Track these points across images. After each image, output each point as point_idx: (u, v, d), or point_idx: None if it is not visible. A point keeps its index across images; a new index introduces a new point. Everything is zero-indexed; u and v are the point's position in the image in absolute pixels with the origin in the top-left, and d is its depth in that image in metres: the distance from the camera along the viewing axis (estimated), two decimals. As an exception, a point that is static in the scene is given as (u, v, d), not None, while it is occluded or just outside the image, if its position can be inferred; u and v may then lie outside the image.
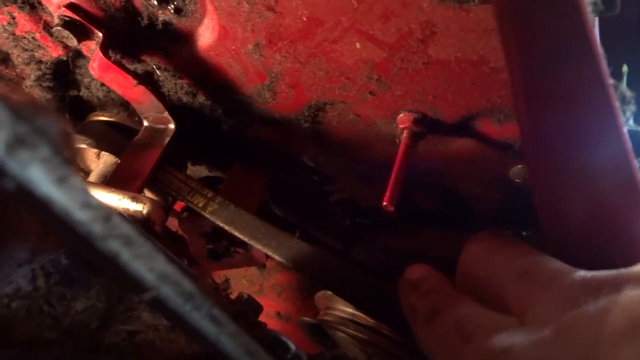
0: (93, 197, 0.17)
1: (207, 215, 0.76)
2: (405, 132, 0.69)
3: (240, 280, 1.29)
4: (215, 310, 0.22)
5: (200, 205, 0.77)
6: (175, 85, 0.80)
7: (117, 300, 0.40)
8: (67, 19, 0.68)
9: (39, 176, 0.16)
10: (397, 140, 0.70)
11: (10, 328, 0.35)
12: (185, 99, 0.82)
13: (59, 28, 0.68)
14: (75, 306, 0.39)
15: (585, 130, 0.31)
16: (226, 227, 0.75)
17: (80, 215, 0.17)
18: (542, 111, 0.32)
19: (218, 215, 0.76)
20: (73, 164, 0.79)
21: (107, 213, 0.18)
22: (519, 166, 0.71)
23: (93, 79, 0.86)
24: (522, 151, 0.40)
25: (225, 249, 0.91)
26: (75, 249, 0.17)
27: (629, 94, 0.33)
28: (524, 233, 0.84)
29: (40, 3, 0.71)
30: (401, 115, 0.69)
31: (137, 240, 0.19)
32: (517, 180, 0.73)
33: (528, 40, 0.28)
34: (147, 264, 0.19)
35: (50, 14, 0.72)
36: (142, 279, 0.19)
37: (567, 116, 0.30)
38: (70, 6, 0.68)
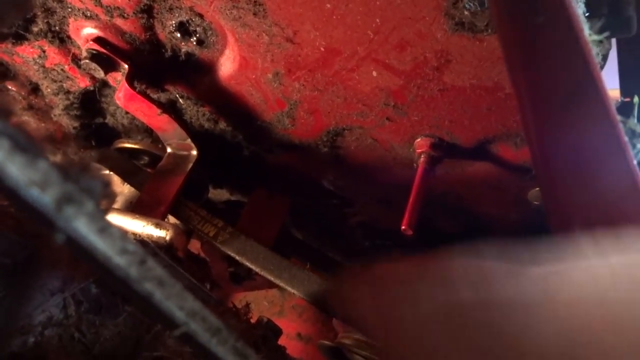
0: (131, 243, 0.19)
1: (218, 245, 0.78)
2: (422, 156, 0.70)
3: (261, 302, 1.30)
4: (239, 344, 0.23)
5: (211, 234, 0.79)
6: (198, 113, 0.82)
7: (144, 327, 0.42)
8: (94, 52, 0.71)
9: (83, 228, 0.17)
10: (415, 165, 0.71)
11: (44, 356, 0.37)
12: (207, 125, 0.84)
13: (87, 61, 0.71)
14: (104, 333, 0.40)
15: (593, 162, 0.32)
16: (237, 258, 0.76)
17: (119, 260, 0.19)
18: (550, 144, 0.33)
19: (229, 245, 0.77)
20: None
21: (142, 257, 0.19)
22: (537, 189, 0.72)
23: (118, 107, 0.89)
24: (535, 174, 0.41)
25: (246, 272, 0.93)
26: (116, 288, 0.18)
27: (638, 128, 0.34)
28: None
29: (69, 37, 0.74)
30: (418, 140, 0.71)
31: (169, 281, 0.20)
32: (535, 203, 0.74)
33: (535, 82, 0.29)
34: (178, 303, 0.21)
35: (79, 47, 0.75)
36: (173, 317, 0.21)
37: (576, 148, 0.31)
38: (98, 40, 0.71)
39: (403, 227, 0.65)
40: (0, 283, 0.39)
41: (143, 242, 0.66)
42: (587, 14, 0.42)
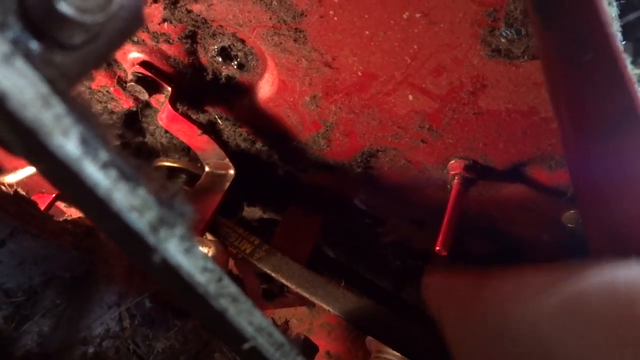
0: (210, 262, 0.21)
1: (254, 262, 0.80)
2: (456, 178, 0.71)
3: (290, 319, 1.31)
4: (300, 358, 0.25)
5: (248, 251, 0.81)
6: (235, 133, 0.85)
7: (193, 341, 0.44)
8: (140, 75, 0.74)
9: (173, 249, 0.19)
10: (449, 186, 0.72)
11: (102, 366, 0.39)
12: (243, 145, 0.86)
13: (133, 83, 0.74)
14: (157, 346, 0.42)
15: (634, 188, 0.33)
16: (273, 275, 0.78)
17: (200, 278, 0.21)
18: (592, 172, 0.34)
19: (265, 262, 0.80)
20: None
21: (220, 275, 0.21)
22: (572, 211, 0.72)
23: (157, 127, 0.92)
24: (575, 198, 0.41)
25: (279, 289, 0.94)
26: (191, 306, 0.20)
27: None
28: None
29: (115, 61, 0.78)
30: (452, 162, 0.72)
31: (241, 297, 0.22)
32: (569, 225, 0.74)
33: (579, 115, 0.30)
34: (248, 318, 0.22)
35: (124, 70, 0.79)
36: (243, 332, 0.23)
37: (617, 177, 0.32)
38: (143, 64, 0.74)
39: (437, 248, 0.65)
40: (61, 296, 0.42)
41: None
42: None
